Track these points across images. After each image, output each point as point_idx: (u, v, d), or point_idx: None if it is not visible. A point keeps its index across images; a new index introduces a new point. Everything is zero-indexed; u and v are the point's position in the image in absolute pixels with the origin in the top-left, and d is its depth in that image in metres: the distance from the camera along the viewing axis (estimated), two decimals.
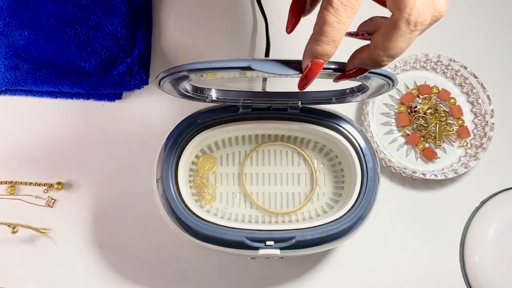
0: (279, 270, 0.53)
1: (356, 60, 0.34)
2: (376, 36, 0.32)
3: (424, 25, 0.31)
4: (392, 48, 0.31)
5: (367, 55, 0.33)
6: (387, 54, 0.32)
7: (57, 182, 0.54)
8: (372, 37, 0.32)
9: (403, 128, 0.56)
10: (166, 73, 0.37)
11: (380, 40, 0.32)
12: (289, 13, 0.36)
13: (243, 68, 0.35)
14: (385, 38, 0.31)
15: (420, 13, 0.30)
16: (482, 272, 0.52)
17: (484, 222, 0.54)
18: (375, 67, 0.33)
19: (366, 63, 0.33)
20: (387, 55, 0.32)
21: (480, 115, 0.56)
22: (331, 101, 0.46)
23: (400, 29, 0.31)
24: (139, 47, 0.57)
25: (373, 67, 0.34)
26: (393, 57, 0.32)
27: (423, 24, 0.31)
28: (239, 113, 0.47)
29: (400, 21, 0.30)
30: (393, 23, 0.31)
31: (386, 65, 0.33)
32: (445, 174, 0.53)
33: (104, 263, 0.52)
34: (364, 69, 0.34)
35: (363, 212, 0.45)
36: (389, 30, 0.31)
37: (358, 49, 0.34)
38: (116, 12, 0.57)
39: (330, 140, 0.49)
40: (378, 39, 0.32)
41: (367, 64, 0.33)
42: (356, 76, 0.35)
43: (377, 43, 0.32)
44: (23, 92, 0.56)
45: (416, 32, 0.31)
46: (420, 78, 0.58)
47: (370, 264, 0.54)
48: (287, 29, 0.37)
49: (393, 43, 0.31)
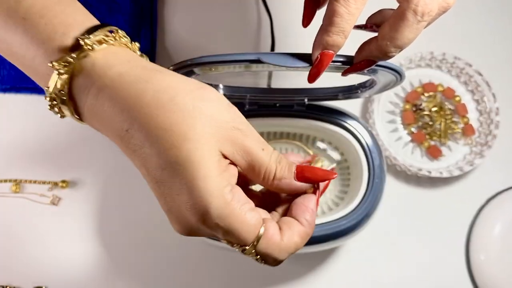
0: (283, 268, 0.53)
1: (364, 52, 0.34)
2: (383, 27, 0.32)
3: (431, 16, 0.31)
4: (400, 39, 0.31)
5: (375, 46, 0.33)
6: (395, 44, 0.32)
7: (61, 180, 0.53)
8: (380, 28, 0.33)
9: (408, 126, 0.56)
10: (176, 66, 0.37)
11: (388, 30, 0.32)
12: (305, 6, 0.36)
13: (252, 61, 0.35)
14: (392, 28, 0.31)
15: (427, 4, 0.30)
16: (487, 270, 0.52)
17: (490, 220, 0.53)
18: (382, 58, 0.33)
19: (374, 55, 0.33)
20: (395, 45, 0.32)
21: (485, 113, 0.56)
22: (337, 97, 0.45)
23: (408, 19, 0.31)
24: (144, 45, 0.57)
25: (380, 59, 0.34)
26: (400, 47, 0.32)
27: (430, 14, 0.31)
28: (245, 110, 0.47)
29: (407, 12, 0.30)
30: (401, 13, 0.31)
31: (393, 56, 0.33)
32: (450, 172, 0.53)
33: (108, 261, 0.52)
34: (372, 61, 0.34)
35: (369, 210, 0.45)
36: (397, 21, 0.31)
37: (366, 41, 0.34)
38: (120, 10, 0.57)
39: (336, 137, 0.48)
40: (385, 29, 0.32)
41: (374, 55, 0.33)
42: (364, 68, 0.34)
43: (385, 33, 0.32)
44: (28, 90, 0.56)
45: (423, 22, 0.31)
46: (425, 76, 0.58)
47: (375, 262, 0.53)
48: (303, 23, 0.36)
49: (400, 33, 0.31)
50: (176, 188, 0.27)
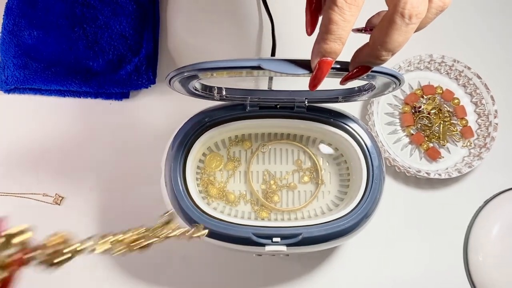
0: (284, 268, 0.53)
1: (358, 59, 0.34)
2: (374, 32, 0.32)
3: (420, 18, 0.31)
4: (390, 42, 0.32)
5: (367, 51, 0.33)
6: (385, 48, 0.32)
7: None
8: (371, 33, 0.33)
9: (407, 128, 0.57)
10: (177, 72, 0.38)
11: (378, 35, 0.32)
12: (306, 14, 0.36)
13: (253, 68, 0.35)
14: (382, 32, 0.32)
15: (414, 7, 0.30)
16: (486, 271, 0.53)
17: (488, 221, 0.54)
18: (376, 62, 0.33)
19: (367, 60, 0.33)
20: (386, 49, 0.32)
21: (484, 115, 0.57)
22: (337, 99, 0.46)
23: (396, 22, 0.31)
24: (147, 46, 0.57)
25: (374, 63, 0.34)
26: (391, 51, 0.32)
27: (418, 17, 0.31)
28: (246, 111, 0.47)
29: (395, 15, 0.31)
30: (389, 17, 0.31)
31: (386, 59, 0.33)
32: (449, 173, 0.54)
33: (111, 261, 0.53)
34: (367, 67, 0.34)
35: (368, 210, 0.46)
36: (385, 24, 0.31)
37: (359, 48, 0.34)
38: (124, 12, 0.57)
39: (335, 138, 0.49)
40: (375, 34, 0.32)
41: (367, 60, 0.34)
42: (360, 75, 0.35)
43: (375, 38, 0.32)
44: (32, 91, 0.57)
45: (412, 25, 0.31)
46: (424, 79, 0.58)
47: (374, 262, 0.54)
48: (308, 31, 0.36)
49: (390, 37, 0.31)
50: None
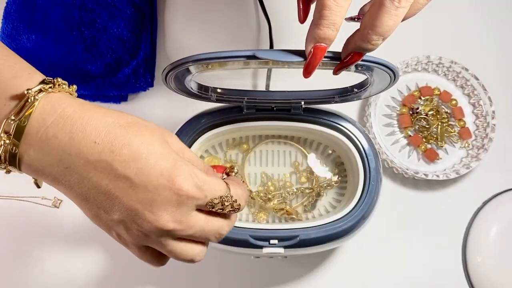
0: (282, 270, 0.53)
1: (349, 45, 0.35)
2: (364, 17, 0.33)
3: (409, 2, 0.32)
4: (379, 26, 0.32)
5: (358, 36, 0.34)
6: (376, 32, 0.33)
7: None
8: (362, 19, 0.34)
9: (405, 130, 0.57)
10: (173, 65, 0.38)
11: (368, 19, 0.33)
12: (298, 3, 0.37)
13: (248, 57, 0.36)
14: (372, 16, 0.33)
15: None
16: (484, 272, 0.53)
17: (486, 222, 0.54)
18: (367, 48, 0.34)
19: (358, 45, 0.34)
20: (376, 33, 0.33)
21: (482, 117, 0.57)
22: (333, 99, 0.46)
23: (385, 6, 0.32)
24: (144, 49, 0.57)
25: (365, 49, 0.34)
26: (382, 35, 0.33)
27: (408, 0, 0.32)
28: (243, 113, 0.47)
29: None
30: (379, 1, 0.32)
31: (377, 44, 0.34)
32: (447, 174, 0.54)
33: (110, 263, 0.53)
34: (359, 54, 0.35)
35: (365, 212, 0.46)
36: (376, 8, 0.32)
37: (351, 35, 0.35)
38: (121, 16, 0.57)
39: (332, 141, 0.49)
40: (366, 19, 0.33)
41: (358, 46, 0.34)
42: (352, 62, 0.35)
43: (366, 23, 0.33)
44: None
45: (401, 9, 0.32)
46: (421, 80, 0.58)
47: (372, 263, 0.54)
48: (300, 19, 0.37)
49: (380, 20, 0.32)
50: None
